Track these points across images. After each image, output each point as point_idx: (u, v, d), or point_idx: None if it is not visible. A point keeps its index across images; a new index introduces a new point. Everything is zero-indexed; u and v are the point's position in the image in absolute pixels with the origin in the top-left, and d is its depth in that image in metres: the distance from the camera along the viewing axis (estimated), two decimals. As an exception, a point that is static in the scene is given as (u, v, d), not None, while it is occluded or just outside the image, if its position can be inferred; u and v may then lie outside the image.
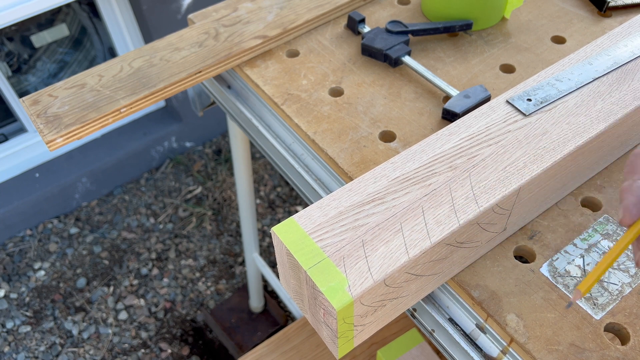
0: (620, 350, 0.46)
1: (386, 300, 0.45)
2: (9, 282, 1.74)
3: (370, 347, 1.11)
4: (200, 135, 2.08)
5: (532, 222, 0.55)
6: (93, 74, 0.71)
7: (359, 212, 0.46)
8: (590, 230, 0.54)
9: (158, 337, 1.64)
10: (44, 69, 1.84)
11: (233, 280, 1.76)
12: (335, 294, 0.41)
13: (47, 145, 0.64)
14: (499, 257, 0.53)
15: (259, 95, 0.72)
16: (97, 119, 0.66)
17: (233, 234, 1.86)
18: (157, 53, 0.73)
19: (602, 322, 0.48)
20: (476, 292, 0.50)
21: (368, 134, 0.64)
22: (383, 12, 0.80)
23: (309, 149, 0.66)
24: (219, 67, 0.72)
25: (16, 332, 1.64)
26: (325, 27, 0.79)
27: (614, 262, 0.41)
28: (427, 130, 0.63)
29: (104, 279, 1.75)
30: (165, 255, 1.81)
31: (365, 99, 0.68)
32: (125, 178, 1.98)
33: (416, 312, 0.56)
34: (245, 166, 1.11)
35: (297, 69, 0.73)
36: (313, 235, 0.44)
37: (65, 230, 1.86)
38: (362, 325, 0.45)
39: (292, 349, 1.17)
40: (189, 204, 1.93)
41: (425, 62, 0.72)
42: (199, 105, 0.91)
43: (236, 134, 1.02)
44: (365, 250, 0.43)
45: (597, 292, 0.49)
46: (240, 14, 0.78)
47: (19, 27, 1.72)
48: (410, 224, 0.45)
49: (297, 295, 0.49)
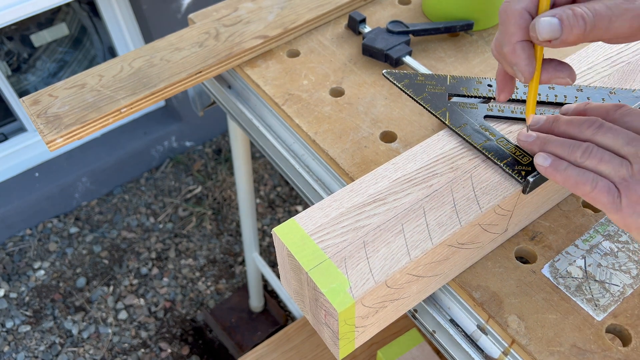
0: (621, 352, 0.46)
1: (387, 301, 0.45)
2: (9, 282, 1.74)
3: (370, 347, 1.11)
4: (200, 135, 2.08)
5: (534, 223, 0.55)
6: (93, 74, 0.71)
7: (360, 213, 0.46)
8: (591, 231, 0.54)
9: (158, 336, 1.64)
10: (44, 68, 1.84)
11: (233, 280, 1.76)
12: (336, 296, 0.41)
13: (47, 145, 0.64)
14: (500, 258, 0.52)
15: (260, 95, 0.72)
16: (97, 119, 0.66)
17: (233, 234, 1.86)
18: (158, 53, 0.73)
19: (603, 323, 0.48)
20: (477, 293, 0.50)
21: (369, 135, 0.64)
22: (384, 12, 0.80)
23: (309, 149, 0.66)
24: (219, 67, 0.72)
25: (16, 332, 1.64)
26: (326, 27, 0.78)
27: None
28: (428, 131, 0.63)
29: (104, 279, 1.75)
30: (165, 254, 1.81)
31: (366, 99, 0.68)
32: (125, 177, 1.98)
33: (417, 313, 0.56)
34: (245, 166, 1.11)
35: (298, 69, 0.73)
36: (314, 236, 0.44)
37: (65, 229, 1.86)
38: (364, 327, 0.45)
39: (292, 349, 1.17)
40: (189, 204, 1.93)
41: (426, 62, 0.72)
42: (199, 105, 0.91)
43: (236, 134, 1.02)
44: (367, 251, 0.43)
45: (599, 294, 0.49)
46: (240, 14, 0.78)
47: (19, 26, 1.72)
48: (411, 225, 0.45)
49: (297, 296, 0.48)
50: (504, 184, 0.47)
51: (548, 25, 0.40)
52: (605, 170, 0.41)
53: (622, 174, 0.40)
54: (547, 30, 0.40)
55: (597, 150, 0.42)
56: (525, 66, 0.42)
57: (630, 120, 0.43)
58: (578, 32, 0.39)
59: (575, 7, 0.39)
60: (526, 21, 0.41)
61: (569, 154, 0.43)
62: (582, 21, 0.39)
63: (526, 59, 0.42)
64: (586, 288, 0.50)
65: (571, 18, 0.39)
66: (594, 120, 0.44)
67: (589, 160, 0.42)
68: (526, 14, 0.41)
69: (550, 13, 0.40)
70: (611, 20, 0.39)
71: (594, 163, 0.42)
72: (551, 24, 0.39)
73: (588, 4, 0.40)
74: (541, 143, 0.46)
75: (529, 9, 0.41)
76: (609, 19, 0.39)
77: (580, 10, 0.39)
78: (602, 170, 0.41)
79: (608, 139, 0.42)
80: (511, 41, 0.42)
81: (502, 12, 0.42)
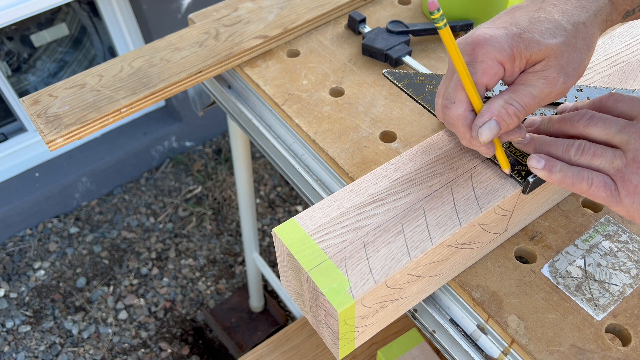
0: (621, 352, 0.46)
1: (387, 301, 0.45)
2: (9, 282, 1.74)
3: (370, 347, 1.11)
4: (200, 135, 2.08)
5: (533, 223, 0.55)
6: (93, 74, 0.71)
7: (360, 213, 0.46)
8: (591, 231, 0.54)
9: (158, 336, 1.64)
10: (44, 68, 1.84)
11: (233, 280, 1.76)
12: (336, 296, 0.41)
13: (47, 145, 0.64)
14: (500, 258, 0.52)
15: (260, 95, 0.72)
16: (97, 119, 0.66)
17: (233, 234, 1.86)
18: (158, 53, 0.73)
19: (603, 323, 0.48)
20: (477, 293, 0.50)
21: (369, 135, 0.64)
22: (384, 12, 0.80)
23: (309, 149, 0.66)
24: (219, 67, 0.72)
25: (16, 332, 1.64)
26: (326, 27, 0.78)
27: None
28: (428, 131, 0.63)
29: (104, 279, 1.75)
30: (165, 254, 1.81)
31: (366, 99, 0.68)
32: (125, 178, 1.98)
33: (417, 313, 0.56)
34: (245, 166, 1.11)
35: (298, 69, 0.73)
36: (314, 236, 0.44)
37: (65, 229, 1.86)
38: (364, 327, 0.45)
39: (292, 349, 1.17)
40: (189, 204, 1.93)
41: (426, 62, 0.72)
42: (199, 105, 0.91)
43: (236, 134, 1.02)
44: (367, 251, 0.43)
45: (598, 293, 0.49)
46: (240, 14, 0.78)
47: (19, 26, 1.72)
48: (411, 225, 0.45)
49: (297, 296, 0.48)
50: (504, 184, 0.47)
51: (488, 131, 0.43)
52: (599, 164, 0.42)
53: (616, 165, 0.41)
54: (487, 134, 0.43)
55: (589, 145, 0.42)
56: (486, 150, 0.46)
57: (622, 106, 0.44)
58: (514, 125, 0.44)
59: (508, 106, 0.43)
60: (471, 120, 0.44)
61: (563, 152, 0.44)
62: (516, 117, 0.43)
63: (485, 146, 0.46)
64: (586, 288, 0.50)
65: (506, 117, 0.43)
66: (584, 113, 0.44)
67: (583, 157, 0.42)
68: (469, 114, 0.44)
69: (488, 116, 0.43)
70: (539, 105, 0.43)
71: (588, 158, 0.42)
72: (490, 128, 0.43)
73: (517, 96, 0.43)
74: (535, 144, 0.46)
75: (469, 109, 0.44)
76: (537, 105, 0.43)
77: (513, 108, 0.43)
78: (597, 165, 0.42)
79: (600, 129, 0.43)
80: (465, 138, 0.45)
81: (447, 118, 0.45)
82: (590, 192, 0.42)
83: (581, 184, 0.42)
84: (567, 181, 0.43)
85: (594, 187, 0.41)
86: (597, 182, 0.41)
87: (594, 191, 0.41)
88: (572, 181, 0.42)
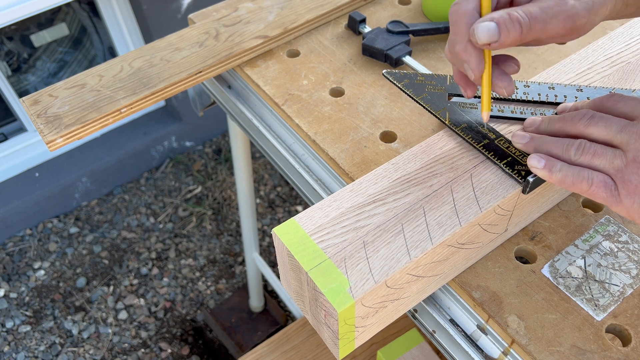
0: (621, 352, 0.46)
1: (387, 301, 0.45)
2: (9, 282, 1.74)
3: (370, 347, 1.11)
4: (200, 135, 2.08)
5: (534, 223, 0.55)
6: (93, 74, 0.71)
7: (360, 213, 0.46)
8: (591, 231, 0.54)
9: (158, 336, 1.64)
10: (44, 68, 1.84)
11: (233, 280, 1.76)
12: (336, 296, 0.41)
13: (47, 145, 0.64)
14: (500, 258, 0.52)
15: (260, 95, 0.72)
16: (97, 119, 0.66)
17: (233, 234, 1.86)
18: (158, 53, 0.73)
19: (603, 323, 0.48)
20: (477, 293, 0.50)
21: (369, 135, 0.64)
22: (384, 12, 0.80)
23: (309, 149, 0.66)
24: (219, 67, 0.72)
25: (16, 332, 1.64)
26: (326, 27, 0.78)
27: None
28: (428, 131, 0.63)
29: (104, 279, 1.75)
30: (165, 254, 1.81)
31: (366, 99, 0.68)
32: (125, 178, 1.98)
33: (417, 313, 0.56)
34: (245, 166, 1.11)
35: (298, 69, 0.73)
36: (314, 236, 0.44)
37: (65, 229, 1.86)
38: (364, 327, 0.45)
39: (292, 349, 1.17)
40: (189, 204, 1.93)
41: (426, 62, 0.72)
42: (199, 105, 0.91)
43: (236, 134, 1.02)
44: (367, 251, 0.43)
45: (599, 294, 0.49)
46: (240, 14, 0.78)
47: (19, 26, 1.72)
48: (411, 225, 0.45)
49: (297, 296, 0.48)
50: (504, 184, 0.47)
51: (486, 30, 0.41)
52: (599, 164, 0.41)
53: (616, 165, 0.41)
54: (485, 35, 0.41)
55: (589, 145, 0.42)
56: (476, 64, 0.44)
57: (622, 106, 0.44)
58: (515, 35, 0.41)
59: (511, 12, 0.41)
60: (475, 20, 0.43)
61: (563, 152, 0.43)
62: (518, 25, 0.41)
63: (477, 57, 0.44)
64: (586, 288, 0.50)
65: (508, 22, 0.41)
66: (584, 113, 0.44)
67: (583, 157, 0.42)
68: (476, 13, 0.43)
69: (489, 17, 0.41)
70: (546, 22, 0.41)
71: (588, 158, 0.42)
72: (489, 28, 0.41)
73: (524, 7, 0.41)
74: (535, 144, 0.46)
75: (478, 9, 0.43)
76: (543, 21, 0.41)
77: (516, 14, 0.41)
78: (597, 165, 0.42)
79: (600, 128, 0.42)
80: (463, 40, 0.43)
81: (453, 13, 0.43)
82: (590, 192, 0.42)
83: (581, 184, 0.42)
84: (567, 181, 0.42)
85: (594, 187, 0.41)
86: (597, 182, 0.41)
87: (594, 191, 0.41)
88: (572, 181, 0.42)
